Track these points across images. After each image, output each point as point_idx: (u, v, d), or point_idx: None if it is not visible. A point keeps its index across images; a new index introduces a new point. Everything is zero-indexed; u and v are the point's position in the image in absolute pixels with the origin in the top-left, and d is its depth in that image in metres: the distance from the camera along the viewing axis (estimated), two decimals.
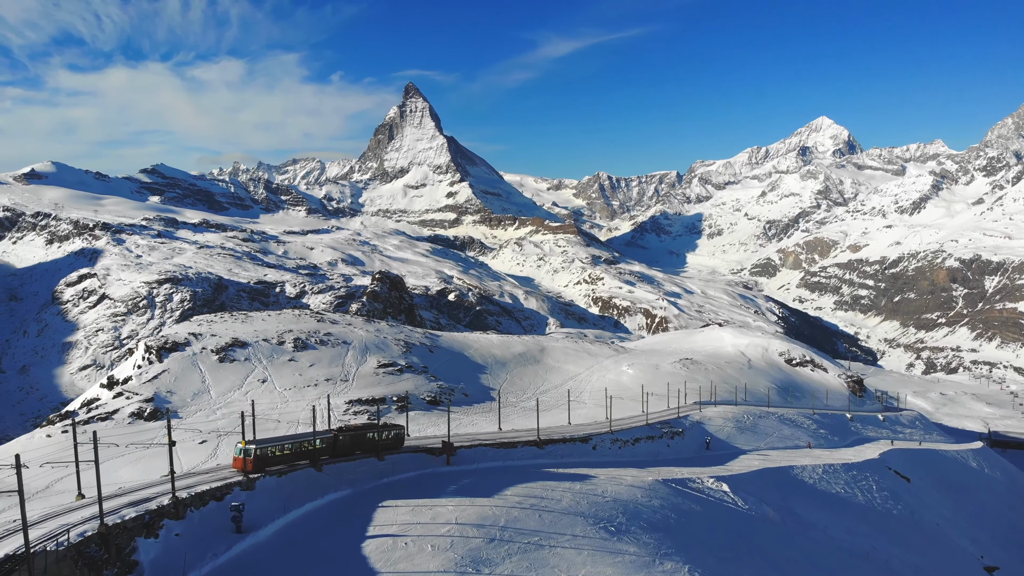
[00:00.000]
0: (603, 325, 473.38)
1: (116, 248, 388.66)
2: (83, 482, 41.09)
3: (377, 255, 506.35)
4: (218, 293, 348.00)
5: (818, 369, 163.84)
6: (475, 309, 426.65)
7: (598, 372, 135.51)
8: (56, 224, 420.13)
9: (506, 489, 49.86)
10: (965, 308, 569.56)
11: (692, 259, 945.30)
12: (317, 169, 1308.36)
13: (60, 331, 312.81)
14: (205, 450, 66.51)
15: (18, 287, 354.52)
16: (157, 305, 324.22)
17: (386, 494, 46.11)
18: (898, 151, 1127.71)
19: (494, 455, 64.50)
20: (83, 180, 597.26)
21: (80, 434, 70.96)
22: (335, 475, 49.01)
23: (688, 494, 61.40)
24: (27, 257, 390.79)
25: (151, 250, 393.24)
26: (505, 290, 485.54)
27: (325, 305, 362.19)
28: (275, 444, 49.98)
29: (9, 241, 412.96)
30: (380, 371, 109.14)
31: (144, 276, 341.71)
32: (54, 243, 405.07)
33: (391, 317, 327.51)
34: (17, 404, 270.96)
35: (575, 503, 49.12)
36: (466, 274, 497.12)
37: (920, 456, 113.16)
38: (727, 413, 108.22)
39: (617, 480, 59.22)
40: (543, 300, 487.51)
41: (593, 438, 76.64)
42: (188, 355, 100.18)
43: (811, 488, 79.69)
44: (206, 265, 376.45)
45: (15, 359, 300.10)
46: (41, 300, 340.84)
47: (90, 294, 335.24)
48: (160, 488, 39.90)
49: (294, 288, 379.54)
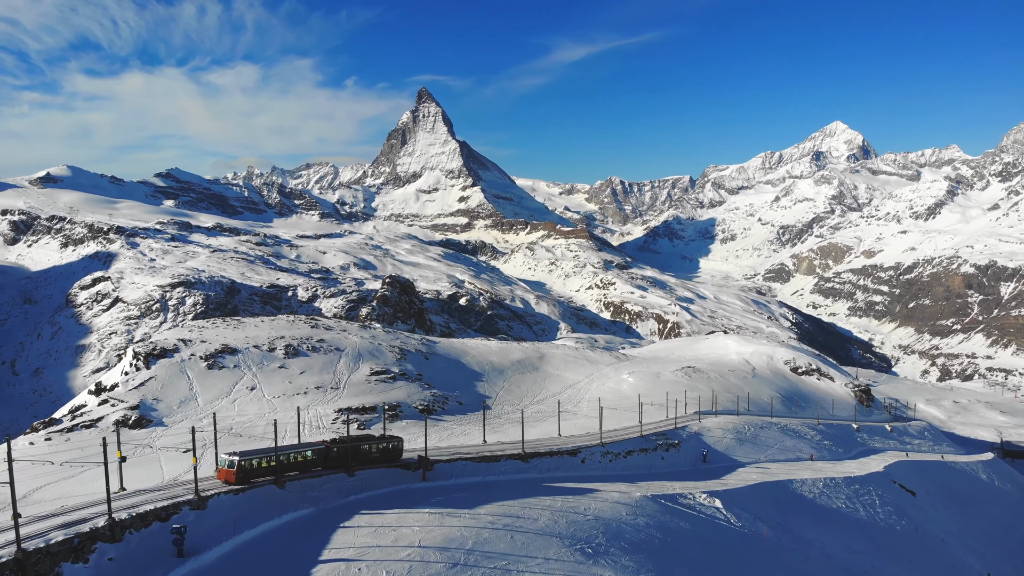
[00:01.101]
0: (615, 330, 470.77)
1: (130, 252, 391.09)
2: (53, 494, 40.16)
3: (389, 259, 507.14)
4: (230, 297, 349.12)
5: (824, 378, 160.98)
6: (486, 313, 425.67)
7: (598, 380, 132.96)
8: (71, 227, 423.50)
9: (480, 507, 47.87)
10: (980, 314, 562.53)
11: (705, 264, 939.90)
12: (330, 174, 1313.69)
13: (74, 334, 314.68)
14: (189, 459, 65.29)
15: (32, 290, 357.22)
16: (170, 308, 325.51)
17: (351, 513, 44.01)
18: (913, 156, 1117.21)
19: (474, 470, 61.93)
20: (98, 184, 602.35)
21: (63, 442, 70.96)
22: (299, 492, 46.92)
23: (677, 511, 59.15)
24: (42, 260, 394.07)
25: (164, 254, 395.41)
26: (516, 295, 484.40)
27: (337, 309, 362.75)
28: (262, 455, 48.59)
29: (24, 244, 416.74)
30: (372, 379, 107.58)
31: (157, 279, 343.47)
32: (69, 246, 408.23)
33: (401, 321, 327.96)
34: (30, 407, 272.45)
35: (552, 522, 47.02)
36: (477, 278, 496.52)
37: (928, 468, 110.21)
38: (727, 424, 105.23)
39: (602, 496, 57.00)
40: (554, 305, 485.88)
41: (582, 451, 73.79)
42: (176, 362, 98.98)
43: (811, 503, 77.29)
44: (219, 269, 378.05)
45: (29, 361, 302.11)
46: (55, 303, 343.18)
47: (103, 297, 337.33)
48: (117, 503, 38.04)
49: (306, 292, 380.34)
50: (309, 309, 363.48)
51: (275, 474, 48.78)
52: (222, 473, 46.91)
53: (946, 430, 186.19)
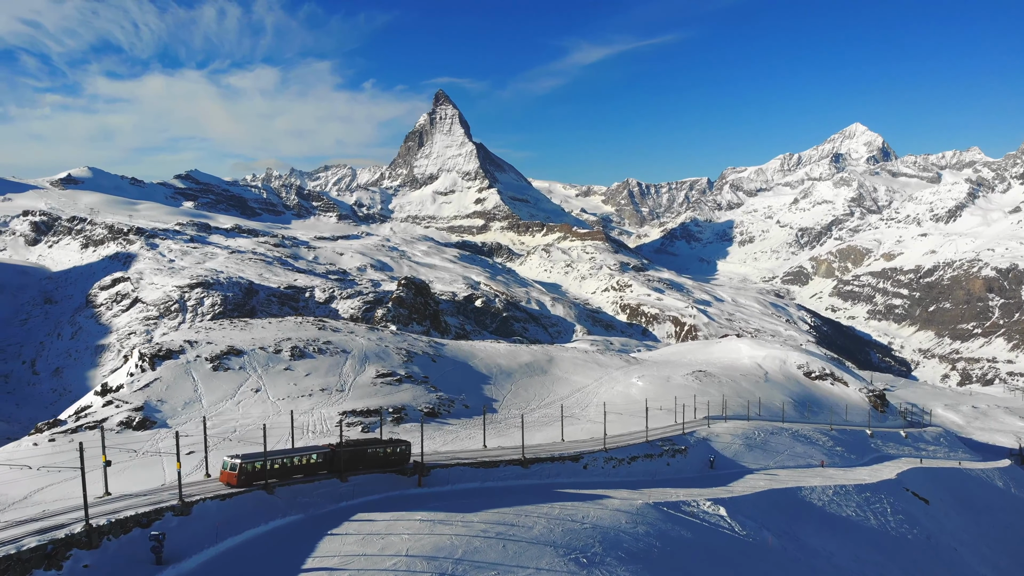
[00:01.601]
0: (631, 333, 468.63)
1: (149, 252, 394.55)
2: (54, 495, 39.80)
3: (405, 261, 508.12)
4: (248, 297, 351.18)
5: (838, 383, 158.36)
6: (502, 315, 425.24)
7: (607, 384, 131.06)
8: (91, 228, 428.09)
9: (474, 514, 46.64)
10: (1001, 318, 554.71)
11: (723, 267, 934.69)
12: (348, 176, 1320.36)
13: (93, 334, 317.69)
14: (192, 461, 65.12)
15: (53, 290, 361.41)
16: (188, 309, 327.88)
17: (340, 520, 43.26)
18: (933, 158, 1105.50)
19: (472, 475, 60.50)
20: (119, 185, 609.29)
21: (67, 443, 71.00)
22: (288, 498, 46.34)
23: (680, 519, 57.59)
24: (63, 261, 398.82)
25: (184, 255, 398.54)
26: (532, 296, 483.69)
27: (353, 310, 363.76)
28: (266, 458, 48.31)
29: (45, 245, 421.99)
30: (378, 381, 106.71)
31: (176, 280, 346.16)
32: (89, 247, 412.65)
33: (416, 323, 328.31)
34: (50, 406, 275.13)
35: (548, 530, 45.74)
36: (493, 280, 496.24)
37: (942, 475, 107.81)
38: (737, 429, 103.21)
39: (602, 504, 55.56)
40: (570, 307, 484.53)
41: (584, 456, 72.03)
42: (182, 363, 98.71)
43: (820, 511, 75.33)
44: (237, 270, 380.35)
45: (49, 361, 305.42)
46: (75, 303, 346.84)
47: (123, 297, 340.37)
48: (101, 508, 37.91)
49: (323, 293, 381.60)
50: (326, 310, 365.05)
51: (280, 477, 48.50)
52: (224, 475, 46.78)
53: (964, 436, 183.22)
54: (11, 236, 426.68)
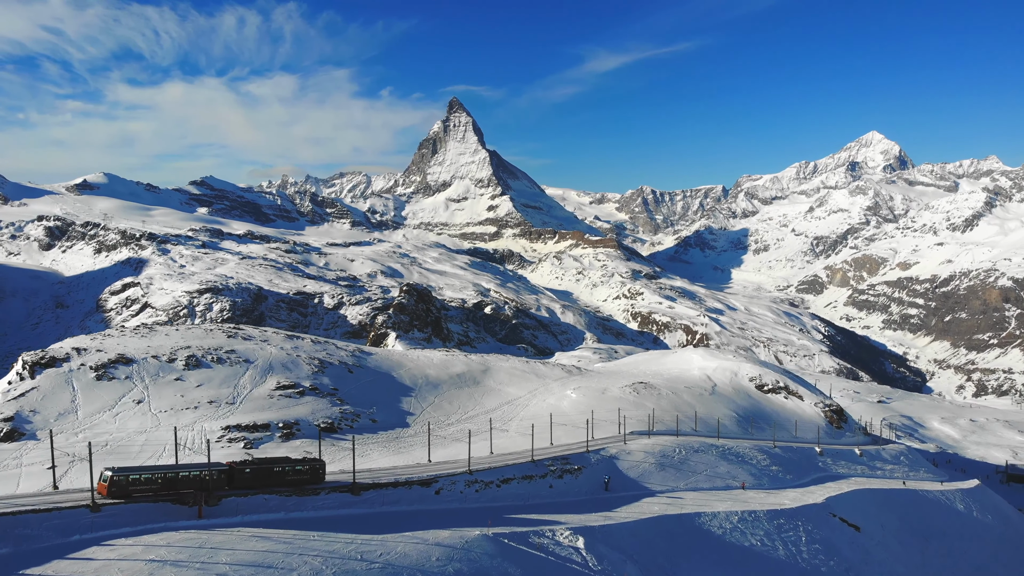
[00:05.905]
0: (641, 341, 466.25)
1: (161, 258, 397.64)
2: None
3: (416, 267, 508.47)
4: (257, 303, 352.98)
5: (792, 396, 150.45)
6: (511, 323, 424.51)
7: (540, 396, 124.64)
8: (104, 234, 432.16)
9: (226, 551, 39.66)
10: (1018, 329, 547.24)
11: (737, 275, 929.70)
12: (363, 183, 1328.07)
13: None
14: (51, 476, 60.36)
15: (65, 295, 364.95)
16: (197, 314, 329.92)
17: (51, 557, 37.93)
18: (951, 167, 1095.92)
19: (278, 504, 52.90)
20: (134, 191, 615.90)
21: None
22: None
23: (518, 553, 50.26)
24: (75, 265, 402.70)
25: (194, 260, 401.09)
26: (542, 304, 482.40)
27: (362, 316, 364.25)
28: (144, 472, 48.80)
29: (59, 250, 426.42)
30: (276, 393, 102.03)
31: (186, 286, 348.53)
32: (102, 252, 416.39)
33: (417, 330, 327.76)
34: None
35: (315, 572, 38.69)
36: (503, 287, 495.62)
37: (892, 498, 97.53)
38: (656, 446, 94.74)
39: (421, 536, 47.67)
40: (580, 314, 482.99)
41: (440, 480, 64.82)
42: (63, 371, 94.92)
43: (717, 540, 67.43)
44: (247, 276, 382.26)
45: None
46: (86, 308, 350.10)
47: (133, 303, 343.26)
48: None
49: (332, 299, 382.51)
50: (335, 316, 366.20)
51: (158, 492, 48.56)
52: (100, 487, 47.76)
53: (955, 451, 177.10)
54: (25, 241, 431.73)
